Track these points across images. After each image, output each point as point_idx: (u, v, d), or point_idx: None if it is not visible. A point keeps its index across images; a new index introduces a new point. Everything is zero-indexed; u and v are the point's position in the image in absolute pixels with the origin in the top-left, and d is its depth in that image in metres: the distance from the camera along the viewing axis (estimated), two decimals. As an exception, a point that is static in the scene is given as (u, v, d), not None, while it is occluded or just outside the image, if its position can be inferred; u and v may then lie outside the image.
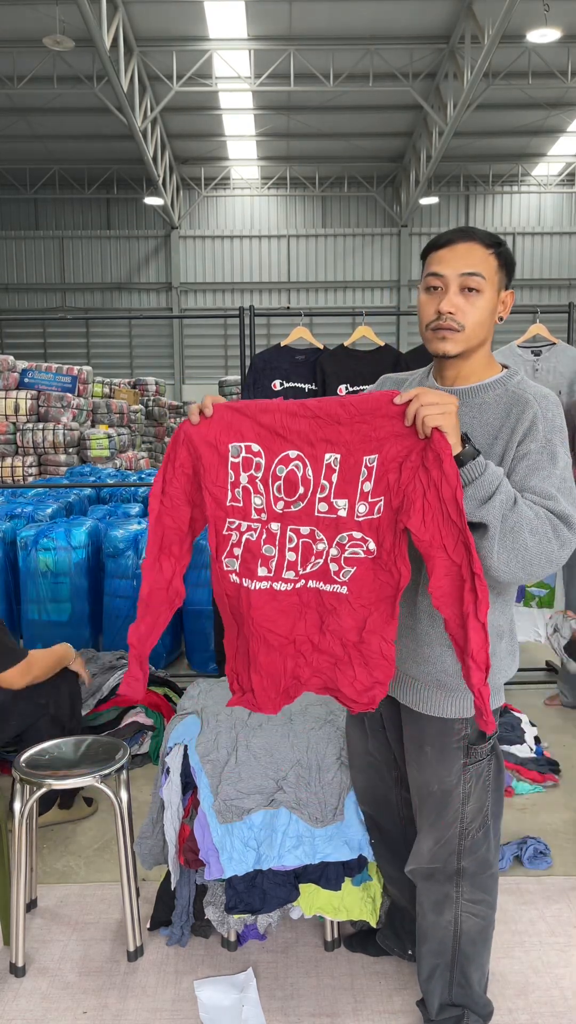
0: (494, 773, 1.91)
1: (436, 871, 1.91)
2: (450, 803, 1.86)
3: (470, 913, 1.93)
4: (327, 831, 2.22)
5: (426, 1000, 2.01)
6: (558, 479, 1.64)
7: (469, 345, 1.73)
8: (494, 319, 1.76)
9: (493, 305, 1.74)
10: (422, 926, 1.97)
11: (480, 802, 1.88)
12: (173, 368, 23.84)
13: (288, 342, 4.18)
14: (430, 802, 1.88)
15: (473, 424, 1.74)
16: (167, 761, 2.40)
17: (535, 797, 3.25)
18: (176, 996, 2.20)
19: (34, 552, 4.48)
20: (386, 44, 14.85)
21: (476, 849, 1.89)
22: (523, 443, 1.67)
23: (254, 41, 14.83)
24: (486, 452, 1.71)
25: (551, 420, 1.69)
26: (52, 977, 2.27)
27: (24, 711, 2.83)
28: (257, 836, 2.22)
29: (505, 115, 18.07)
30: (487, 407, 1.74)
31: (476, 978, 1.98)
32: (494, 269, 1.72)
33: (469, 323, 1.71)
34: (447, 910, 1.92)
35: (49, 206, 23.43)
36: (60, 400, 12.17)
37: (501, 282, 1.74)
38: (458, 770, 1.84)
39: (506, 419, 1.71)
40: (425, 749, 1.86)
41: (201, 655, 4.57)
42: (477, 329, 1.72)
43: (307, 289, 23.42)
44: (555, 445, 1.67)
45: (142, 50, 15.00)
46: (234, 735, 2.38)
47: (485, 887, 1.94)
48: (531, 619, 4.24)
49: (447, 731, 1.82)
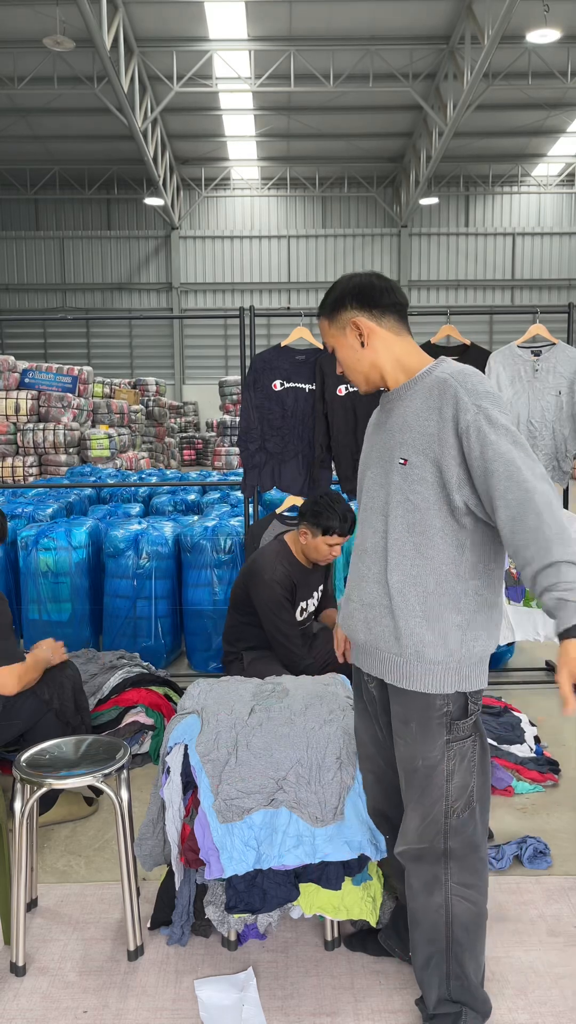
0: (479, 754, 1.95)
1: (424, 852, 1.94)
2: (433, 779, 1.90)
3: (461, 897, 1.95)
4: (327, 831, 2.23)
5: (423, 992, 2.02)
6: (504, 432, 1.75)
7: (363, 382, 2.00)
8: (358, 352, 1.96)
9: (347, 349, 1.97)
10: (413, 909, 2.00)
11: (464, 781, 1.91)
12: (173, 368, 23.85)
13: (288, 342, 4.18)
14: (415, 779, 1.92)
15: (407, 415, 1.88)
16: (167, 761, 2.40)
17: (535, 797, 3.25)
18: (176, 995, 2.20)
19: (34, 552, 4.48)
20: (386, 44, 14.86)
21: (462, 829, 1.93)
22: (458, 419, 1.78)
23: (254, 41, 14.84)
24: (420, 435, 1.84)
25: (473, 388, 1.80)
26: (52, 976, 2.28)
27: (29, 709, 2.84)
28: (257, 836, 2.22)
29: (505, 115, 18.09)
30: (415, 395, 1.90)
31: (472, 968, 1.99)
32: (327, 328, 1.99)
33: (348, 374, 2.03)
34: (436, 892, 1.95)
35: (49, 206, 23.45)
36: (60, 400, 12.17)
37: (341, 324, 1.96)
38: (441, 746, 1.89)
39: (431, 401, 1.85)
40: (410, 725, 1.91)
41: (201, 655, 4.58)
42: (352, 373, 2.00)
43: (307, 289, 23.43)
44: (486, 408, 1.78)
45: (142, 50, 15.01)
46: (234, 734, 2.38)
47: (474, 870, 1.96)
48: (531, 619, 4.24)
49: (429, 706, 1.88)
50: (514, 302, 23.57)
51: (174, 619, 4.68)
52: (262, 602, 3.37)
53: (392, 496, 1.88)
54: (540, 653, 4.98)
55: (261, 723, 2.41)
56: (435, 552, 1.83)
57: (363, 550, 1.97)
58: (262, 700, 2.52)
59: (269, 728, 2.39)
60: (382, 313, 1.94)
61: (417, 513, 1.84)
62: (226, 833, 2.21)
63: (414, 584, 1.85)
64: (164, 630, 4.58)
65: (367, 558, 1.95)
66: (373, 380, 1.98)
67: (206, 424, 22.25)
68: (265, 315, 4.63)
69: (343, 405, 4.00)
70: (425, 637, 1.84)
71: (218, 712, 2.47)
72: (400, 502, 1.86)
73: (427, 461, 1.82)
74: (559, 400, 4.12)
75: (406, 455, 1.85)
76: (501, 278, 23.63)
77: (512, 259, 23.60)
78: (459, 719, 1.89)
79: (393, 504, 1.87)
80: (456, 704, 1.89)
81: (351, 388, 4.00)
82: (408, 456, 1.85)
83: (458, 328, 4.47)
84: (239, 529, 4.65)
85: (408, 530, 1.85)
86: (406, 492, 1.85)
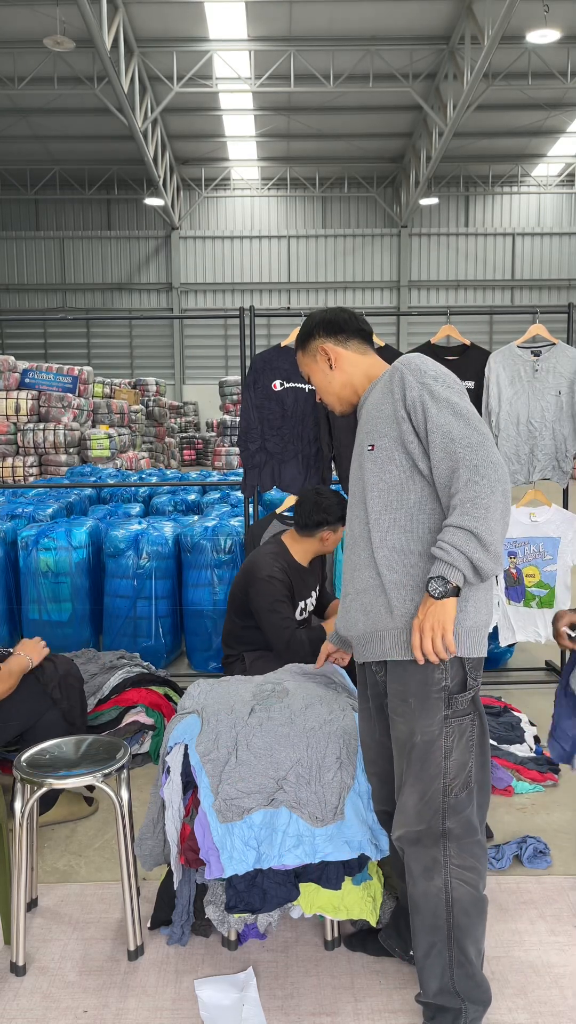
0: (478, 734, 1.97)
1: (422, 834, 1.95)
2: (431, 754, 1.92)
3: (460, 880, 1.95)
4: (327, 831, 2.23)
5: (422, 980, 2.01)
6: (446, 406, 1.88)
7: (338, 403, 2.20)
8: (329, 375, 2.17)
9: (320, 374, 2.18)
10: (413, 895, 2.00)
11: (463, 759, 1.93)
12: (173, 368, 23.86)
13: (288, 342, 4.18)
14: (414, 754, 1.94)
15: (368, 408, 2.03)
16: (167, 760, 2.40)
17: (535, 797, 3.26)
18: (176, 995, 2.20)
19: (35, 552, 4.49)
20: (386, 45, 14.87)
21: (461, 809, 1.94)
22: (406, 397, 1.92)
23: (254, 42, 14.84)
24: (379, 419, 1.97)
25: (417, 368, 1.95)
26: (53, 976, 2.28)
27: (25, 709, 2.83)
28: (257, 835, 2.22)
29: (505, 116, 18.10)
30: (375, 389, 2.06)
31: (474, 954, 1.99)
32: (302, 359, 2.23)
33: (328, 398, 2.22)
34: (436, 875, 1.95)
35: (50, 207, 23.45)
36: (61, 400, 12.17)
37: (312, 353, 2.19)
38: (440, 721, 1.91)
39: (386, 387, 2.00)
40: (409, 700, 1.93)
41: (201, 655, 4.58)
42: (327, 396, 2.21)
43: (307, 289, 23.43)
44: (429, 385, 1.91)
45: (142, 51, 15.01)
46: (234, 734, 2.38)
47: (473, 853, 1.97)
48: (531, 619, 4.25)
49: (428, 680, 1.90)
50: (514, 302, 23.58)
51: (174, 619, 4.68)
52: (261, 599, 3.37)
53: (367, 482, 1.99)
54: (540, 653, 4.98)
55: (261, 723, 2.41)
56: (415, 524, 1.93)
57: (352, 541, 2.06)
58: (262, 700, 2.52)
59: (269, 728, 2.39)
60: (347, 338, 2.16)
61: (392, 492, 1.95)
62: (226, 833, 2.20)
63: (400, 557, 1.94)
64: (164, 630, 4.58)
65: (356, 547, 2.03)
66: (345, 398, 2.17)
67: (206, 424, 22.26)
68: (265, 315, 4.63)
69: (343, 405, 4.01)
70: (417, 605, 1.90)
71: (218, 712, 2.47)
72: (375, 484, 1.97)
73: (391, 441, 1.95)
74: (559, 400, 4.12)
75: (372, 441, 1.98)
76: (501, 278, 23.63)
77: (512, 259, 23.60)
78: (457, 693, 1.92)
79: (369, 488, 1.99)
80: (454, 677, 1.91)
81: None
82: (375, 441, 1.97)
83: (458, 328, 4.48)
84: (239, 529, 4.66)
85: (386, 508, 1.95)
86: (378, 475, 1.97)
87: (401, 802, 1.99)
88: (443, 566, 1.82)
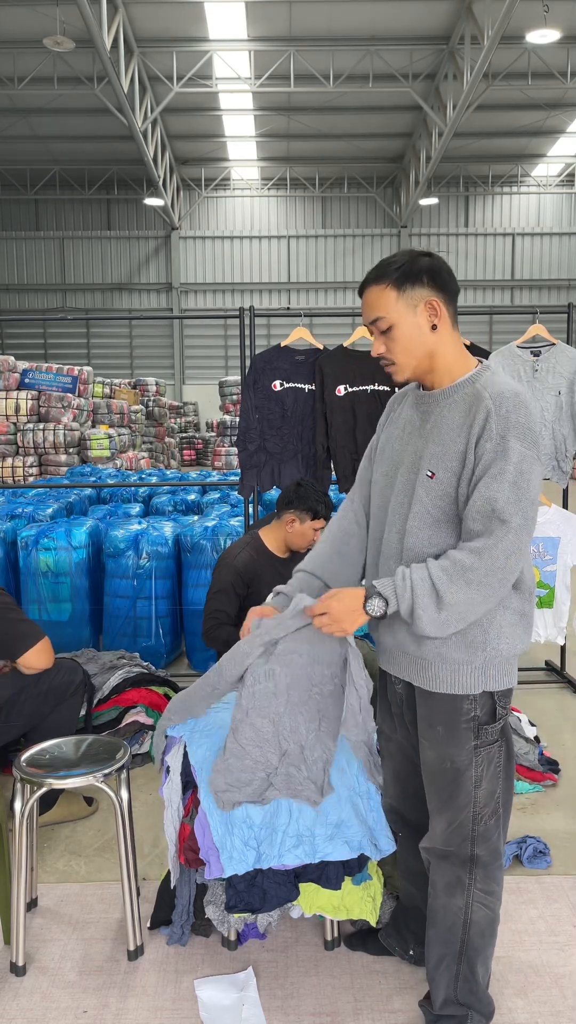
0: (505, 760, 1.93)
1: (451, 854, 1.93)
2: (461, 784, 1.88)
3: (481, 903, 1.95)
4: (327, 831, 2.22)
5: (431, 990, 2.02)
6: (511, 475, 1.70)
7: (411, 369, 1.86)
8: (424, 334, 1.82)
9: (412, 328, 1.81)
10: (433, 907, 1.99)
11: (492, 787, 1.90)
12: (173, 368, 23.86)
13: (288, 343, 4.18)
14: (441, 781, 1.90)
15: (441, 425, 1.82)
16: (167, 760, 2.39)
17: (535, 797, 3.26)
18: (176, 995, 2.20)
19: (35, 552, 4.48)
20: (386, 45, 14.86)
21: (489, 836, 1.92)
22: (480, 443, 1.73)
23: (254, 42, 14.84)
24: (449, 450, 1.79)
25: (504, 416, 1.73)
26: (52, 976, 2.28)
27: (29, 709, 2.84)
28: (257, 835, 2.21)
29: (505, 116, 18.09)
30: (455, 406, 1.82)
31: (481, 972, 2.00)
32: (393, 299, 1.80)
33: (397, 357, 1.84)
34: (459, 894, 1.94)
35: (50, 207, 23.45)
36: (60, 400, 12.17)
37: (412, 300, 1.80)
38: (469, 751, 1.86)
39: (466, 417, 1.78)
40: (436, 728, 1.89)
41: (201, 655, 4.58)
42: (407, 356, 1.83)
43: (307, 289, 23.43)
44: (508, 441, 1.71)
45: (142, 51, 15.01)
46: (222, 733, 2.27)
47: (496, 879, 1.96)
48: (531, 619, 4.25)
49: (456, 710, 1.85)
50: (514, 302, 23.57)
51: (174, 619, 4.68)
52: (211, 584, 3.39)
53: (414, 506, 1.85)
54: (540, 653, 4.98)
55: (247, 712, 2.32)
56: None
57: (385, 554, 1.93)
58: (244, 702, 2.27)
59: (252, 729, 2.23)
60: (448, 301, 1.82)
61: (437, 526, 1.82)
62: (226, 833, 2.20)
63: None
64: (164, 630, 4.58)
65: (390, 562, 1.91)
66: (420, 370, 1.86)
67: (206, 424, 22.25)
68: (265, 315, 4.63)
69: (342, 405, 4.00)
70: (451, 639, 1.81)
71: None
72: (420, 513, 1.83)
73: (452, 476, 1.79)
74: (559, 400, 4.12)
75: (434, 468, 1.81)
76: (501, 278, 23.63)
77: (512, 259, 23.60)
78: (487, 723, 1.87)
79: (414, 513, 1.85)
80: (484, 708, 1.86)
81: (351, 388, 3.99)
82: (436, 470, 1.81)
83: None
84: (239, 529, 4.66)
85: (428, 540, 1.83)
86: (427, 505, 1.82)
87: (431, 825, 1.96)
88: (390, 590, 1.76)
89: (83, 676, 3.05)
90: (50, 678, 2.92)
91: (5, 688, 2.84)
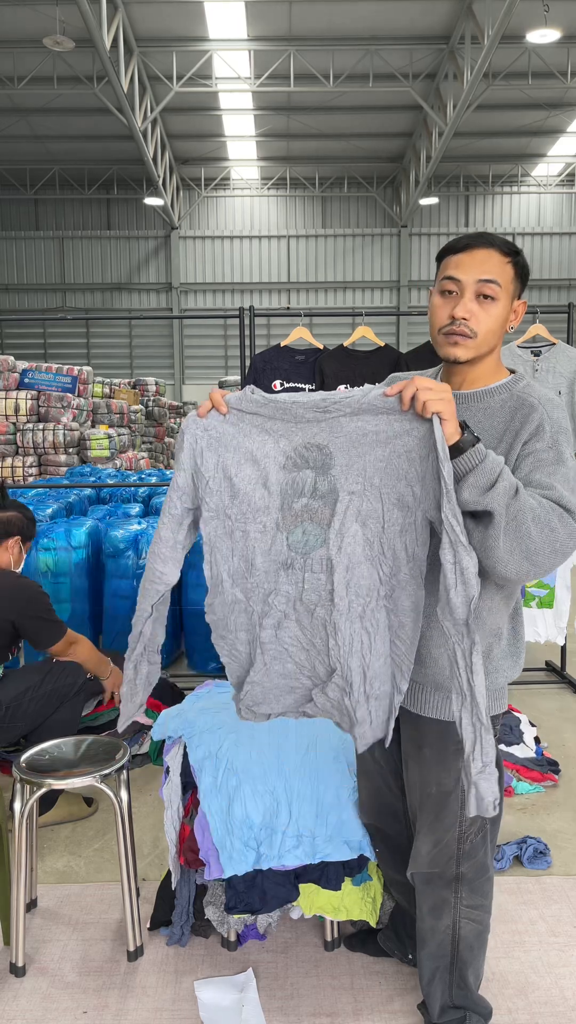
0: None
1: (435, 876, 1.91)
2: (448, 806, 1.86)
3: (468, 919, 1.94)
4: (327, 831, 2.22)
5: (428, 1003, 2.02)
6: (562, 476, 1.64)
7: (480, 352, 1.75)
8: (505, 328, 1.77)
9: (506, 314, 1.75)
10: (421, 929, 1.98)
11: None
12: (173, 368, 23.85)
13: (288, 342, 4.18)
14: (428, 803, 1.89)
15: (477, 428, 1.74)
16: (167, 760, 2.39)
17: (535, 797, 3.25)
18: (176, 996, 2.20)
19: (34, 552, 4.48)
20: (386, 44, 14.85)
21: (474, 854, 1.90)
22: (529, 443, 1.68)
23: (254, 42, 14.83)
24: (485, 439, 1.72)
25: (557, 422, 1.71)
26: (52, 977, 2.27)
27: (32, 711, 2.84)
28: (257, 836, 2.21)
29: (505, 115, 18.08)
30: (492, 411, 1.76)
31: (472, 979, 2.00)
32: (510, 278, 1.73)
33: (482, 330, 1.72)
34: (445, 915, 1.93)
35: (49, 206, 23.43)
36: (60, 400, 12.17)
37: (515, 292, 1.76)
38: (456, 774, 1.84)
39: (510, 423, 1.72)
40: (424, 751, 1.87)
41: (201, 655, 4.57)
42: (489, 336, 1.73)
43: (307, 289, 23.42)
44: (561, 445, 1.68)
45: (142, 50, 15.00)
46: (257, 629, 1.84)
47: (483, 892, 1.95)
48: (531, 619, 4.24)
49: (445, 734, 1.82)
50: (514, 302, 23.54)
51: (174, 619, 4.67)
52: None
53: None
54: (540, 653, 4.98)
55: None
56: None
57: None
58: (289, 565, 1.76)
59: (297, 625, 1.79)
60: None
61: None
62: (226, 833, 2.20)
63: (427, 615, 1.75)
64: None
65: None
66: (482, 351, 1.74)
67: (206, 424, 22.19)
68: (265, 315, 4.63)
69: (343, 405, 4.00)
70: (446, 668, 1.77)
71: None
72: None
73: None
74: (559, 400, 4.12)
75: None
76: (501, 278, 23.60)
77: (512, 259, 23.58)
78: None
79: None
80: None
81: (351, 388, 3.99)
82: None
83: (458, 328, 4.46)
84: (239, 529, 4.64)
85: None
86: None
87: (416, 845, 1.94)
88: (484, 454, 1.57)
89: (85, 677, 3.06)
90: (54, 679, 2.93)
91: (9, 689, 2.85)
